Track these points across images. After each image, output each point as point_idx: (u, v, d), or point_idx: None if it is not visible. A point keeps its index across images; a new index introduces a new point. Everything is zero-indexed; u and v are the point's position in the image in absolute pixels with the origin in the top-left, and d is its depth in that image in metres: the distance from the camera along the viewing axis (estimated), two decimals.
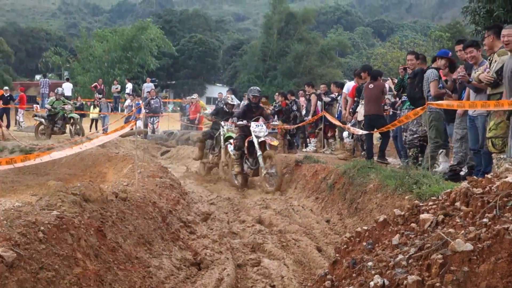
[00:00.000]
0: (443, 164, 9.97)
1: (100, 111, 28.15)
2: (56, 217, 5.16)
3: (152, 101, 26.11)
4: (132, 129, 9.77)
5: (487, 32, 8.04)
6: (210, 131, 16.09)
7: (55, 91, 21.81)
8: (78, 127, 21.05)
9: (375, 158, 11.83)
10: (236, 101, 17.76)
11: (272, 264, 7.32)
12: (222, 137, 15.17)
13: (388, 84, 12.53)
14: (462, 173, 9.24)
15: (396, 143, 11.82)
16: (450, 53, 10.87)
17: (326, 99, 16.13)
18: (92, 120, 28.44)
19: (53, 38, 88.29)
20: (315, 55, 59.38)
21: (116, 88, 33.25)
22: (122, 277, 5.64)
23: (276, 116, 17.50)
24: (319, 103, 17.45)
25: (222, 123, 15.35)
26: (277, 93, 20.92)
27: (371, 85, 12.10)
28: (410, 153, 10.60)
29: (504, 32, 7.28)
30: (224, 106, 16.60)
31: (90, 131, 27.34)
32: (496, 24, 8.13)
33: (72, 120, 20.87)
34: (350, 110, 13.78)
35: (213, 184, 14.46)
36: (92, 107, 29.26)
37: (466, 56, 8.60)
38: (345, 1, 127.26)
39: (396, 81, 12.42)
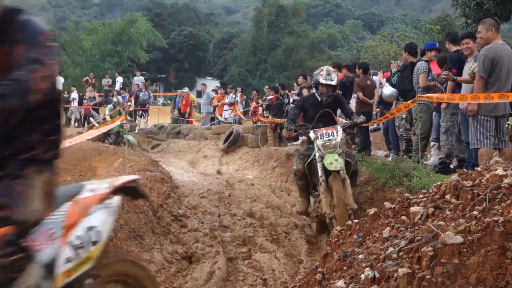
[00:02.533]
0: (434, 157, 10.03)
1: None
2: None
3: (140, 94, 26.01)
4: (122, 123, 9.76)
5: (479, 25, 8.07)
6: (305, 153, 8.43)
7: (114, 99, 20.97)
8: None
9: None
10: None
11: (263, 257, 7.34)
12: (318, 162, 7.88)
13: (379, 78, 12.53)
14: (452, 166, 9.30)
15: (387, 136, 11.82)
16: (437, 44, 10.97)
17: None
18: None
19: None
20: (305, 48, 59.37)
21: (107, 82, 33.11)
22: None
23: (267, 111, 17.56)
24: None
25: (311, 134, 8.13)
26: (267, 86, 20.91)
27: (368, 81, 12.11)
28: (403, 147, 10.65)
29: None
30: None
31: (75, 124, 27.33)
32: (488, 18, 8.15)
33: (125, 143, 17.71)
34: None
35: None
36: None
37: (462, 47, 8.63)
38: None
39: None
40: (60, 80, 32.40)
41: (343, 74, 13.73)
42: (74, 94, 29.02)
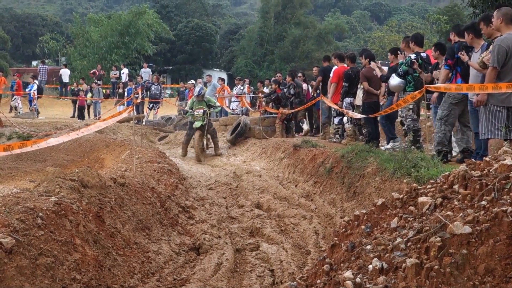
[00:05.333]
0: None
1: (92, 96, 27.95)
2: (54, 203, 5.17)
3: (153, 87, 26.06)
4: (129, 114, 9.76)
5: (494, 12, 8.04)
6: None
7: (197, 91, 16.70)
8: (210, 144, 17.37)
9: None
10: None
11: (270, 248, 7.35)
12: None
13: (374, 66, 12.43)
14: (452, 154, 9.35)
15: (384, 127, 11.79)
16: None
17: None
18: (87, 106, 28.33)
19: (49, 24, 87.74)
20: (312, 39, 59.17)
21: (115, 74, 33.07)
22: (121, 262, 5.66)
23: (272, 103, 17.57)
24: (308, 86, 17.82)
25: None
26: (267, 80, 20.96)
27: (375, 72, 12.07)
28: (410, 137, 10.60)
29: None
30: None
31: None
32: (504, 7, 8.12)
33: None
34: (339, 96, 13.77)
35: None
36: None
37: (467, 38, 8.62)
38: None
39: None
40: (66, 72, 32.39)
41: (347, 65, 13.71)
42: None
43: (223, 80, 26.40)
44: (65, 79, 33.16)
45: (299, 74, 18.78)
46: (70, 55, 47.31)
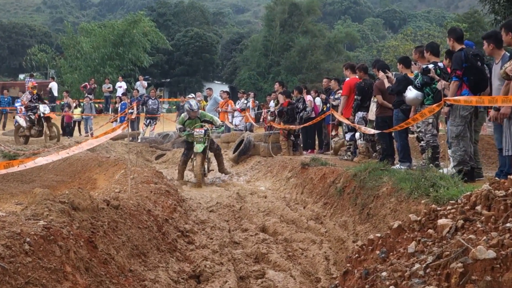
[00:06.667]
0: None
1: (82, 112, 27.94)
2: (43, 228, 5.16)
3: (150, 101, 26.08)
4: (123, 131, 9.79)
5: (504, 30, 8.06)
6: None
7: (187, 105, 15.86)
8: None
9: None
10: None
11: (277, 276, 7.32)
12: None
13: (383, 77, 12.40)
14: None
15: (402, 145, 11.70)
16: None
17: (335, 101, 15.98)
18: (74, 122, 28.25)
19: (37, 34, 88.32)
20: (321, 49, 59.46)
21: (108, 88, 33.19)
22: None
23: (277, 117, 17.54)
24: (318, 100, 17.75)
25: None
26: (276, 92, 21.03)
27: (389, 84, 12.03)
28: (429, 154, 10.57)
29: None
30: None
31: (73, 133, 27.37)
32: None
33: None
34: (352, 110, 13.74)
35: None
36: (74, 107, 29.02)
37: (486, 48, 8.62)
38: None
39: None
40: (54, 86, 32.44)
41: (359, 77, 13.73)
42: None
43: (228, 93, 26.39)
44: (55, 93, 33.25)
45: (321, 95, 18.74)
46: (60, 67, 47.49)
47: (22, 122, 20.67)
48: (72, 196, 6.30)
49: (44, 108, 20.26)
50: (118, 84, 32.50)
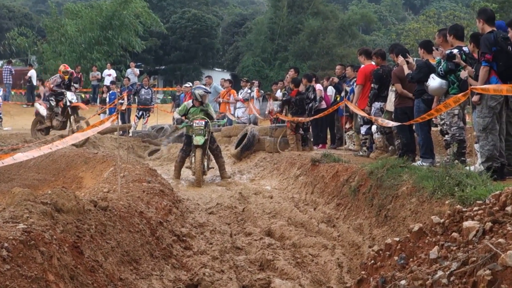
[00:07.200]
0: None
1: None
2: (22, 232, 5.17)
3: (142, 91, 26.05)
4: (113, 124, 9.80)
5: None
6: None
7: (199, 90, 15.93)
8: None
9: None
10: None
11: (284, 285, 7.34)
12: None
13: (402, 62, 12.33)
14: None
15: (424, 138, 11.66)
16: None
17: (348, 87, 15.98)
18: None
19: (17, 16, 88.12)
20: (333, 32, 59.23)
21: (96, 75, 33.16)
22: None
23: (283, 108, 17.48)
24: (330, 89, 17.68)
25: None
26: (280, 82, 20.94)
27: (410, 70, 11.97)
28: (454, 149, 10.53)
29: None
30: None
31: None
32: None
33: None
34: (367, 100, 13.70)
35: None
36: None
37: (510, 34, 8.60)
38: None
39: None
40: (33, 74, 32.33)
41: (376, 64, 13.67)
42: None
43: (230, 82, 26.29)
44: (34, 82, 33.21)
45: (332, 78, 18.67)
46: (42, 53, 47.36)
47: (43, 110, 20.16)
48: (56, 196, 6.31)
49: (72, 96, 19.17)
50: (106, 71, 32.46)
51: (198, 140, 14.76)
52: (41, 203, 6.04)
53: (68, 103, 18.77)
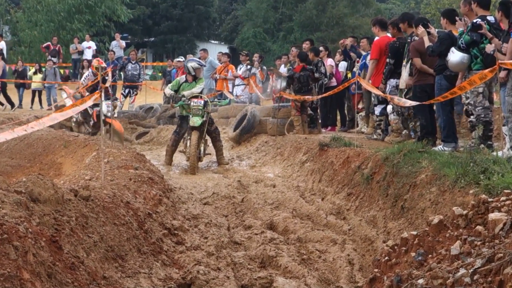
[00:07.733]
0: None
1: (44, 79, 27.78)
2: None
3: (129, 66, 25.95)
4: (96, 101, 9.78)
5: None
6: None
7: (193, 63, 16.02)
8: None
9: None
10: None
11: (288, 284, 7.35)
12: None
13: (423, 33, 12.24)
14: None
15: (447, 120, 11.61)
16: None
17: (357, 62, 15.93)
18: (34, 91, 28.23)
19: None
20: (344, 1, 59.07)
21: (76, 48, 33.06)
22: None
23: (287, 85, 17.38)
24: (342, 64, 17.57)
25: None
26: (285, 56, 20.88)
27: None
28: (480, 132, 10.50)
29: None
30: None
31: (32, 106, 27.23)
32: None
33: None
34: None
35: None
36: (33, 73, 28.81)
37: None
38: None
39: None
40: (3, 46, 32.03)
41: (392, 35, 13.60)
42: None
43: (228, 56, 26.17)
44: (5, 54, 33.03)
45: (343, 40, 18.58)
46: (16, 22, 47.21)
47: (69, 104, 18.33)
48: (31, 184, 6.32)
49: (107, 109, 17.46)
50: (85, 44, 32.33)
51: (195, 121, 14.53)
52: (14, 192, 6.05)
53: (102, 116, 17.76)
